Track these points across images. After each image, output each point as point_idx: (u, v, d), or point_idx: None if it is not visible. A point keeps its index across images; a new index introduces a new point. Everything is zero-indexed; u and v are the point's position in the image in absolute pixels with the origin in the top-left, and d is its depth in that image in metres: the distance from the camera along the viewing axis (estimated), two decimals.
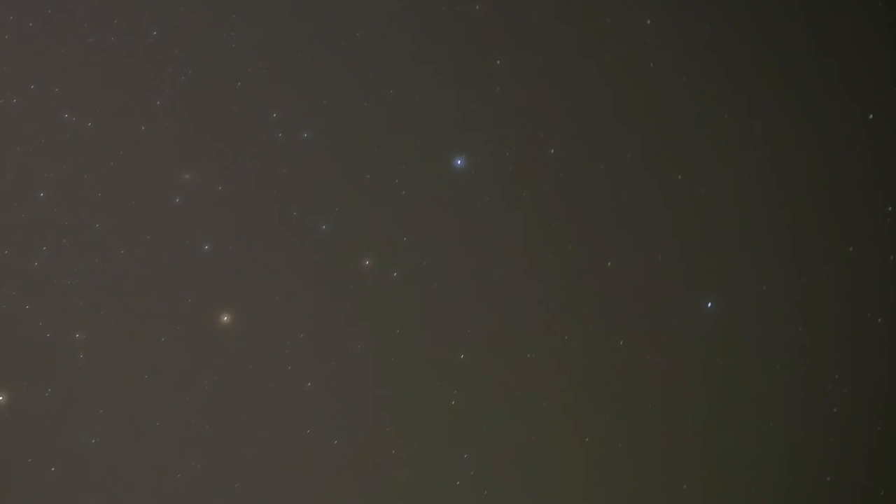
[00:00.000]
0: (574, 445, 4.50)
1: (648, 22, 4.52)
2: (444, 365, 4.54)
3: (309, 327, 4.60)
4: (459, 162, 4.60)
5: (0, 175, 4.76)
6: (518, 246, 4.59)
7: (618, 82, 4.57)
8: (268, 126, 4.69)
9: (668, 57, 4.54)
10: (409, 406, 4.55)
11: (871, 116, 4.42)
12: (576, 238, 4.55)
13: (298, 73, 4.69)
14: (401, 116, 4.63)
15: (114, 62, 4.76)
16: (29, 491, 4.61)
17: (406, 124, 4.63)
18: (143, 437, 4.63)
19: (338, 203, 4.64)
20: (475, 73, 4.62)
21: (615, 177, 4.57)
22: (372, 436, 4.55)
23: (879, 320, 4.40)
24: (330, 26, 4.70)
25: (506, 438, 4.52)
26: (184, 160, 4.73)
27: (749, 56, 4.51)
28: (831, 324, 4.46)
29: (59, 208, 4.78)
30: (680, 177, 4.51)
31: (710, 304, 4.47)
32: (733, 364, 4.49)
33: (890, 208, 4.43)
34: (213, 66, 4.72)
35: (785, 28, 4.49)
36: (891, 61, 4.41)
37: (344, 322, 4.60)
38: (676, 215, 4.54)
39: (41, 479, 4.61)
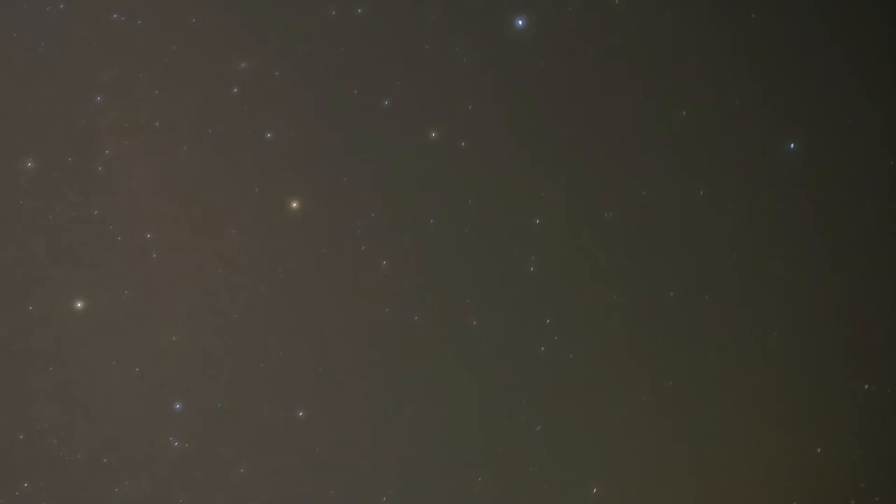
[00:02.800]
0: (657, 301, 4.40)
1: None
2: (519, 231, 4.44)
3: (379, 205, 4.52)
4: (521, 22, 4.45)
5: (54, 83, 4.71)
6: (587, 104, 4.45)
7: None
8: (321, 4, 4.58)
9: None
10: (487, 276, 4.47)
11: None
12: (646, 89, 4.41)
13: None
14: None
15: None
16: (116, 393, 4.62)
17: None
18: (223, 330, 4.61)
19: (398, 77, 4.53)
20: None
21: (682, 25, 4.41)
22: (452, 309, 4.48)
23: None
24: None
25: (586, 301, 4.43)
26: (238, 49, 4.64)
27: None
28: None
29: (117, 110, 4.73)
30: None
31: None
32: None
33: None
34: None
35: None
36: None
37: (415, 197, 4.51)
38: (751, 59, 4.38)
39: (126, 381, 4.61)
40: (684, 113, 4.36)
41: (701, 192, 4.41)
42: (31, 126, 4.66)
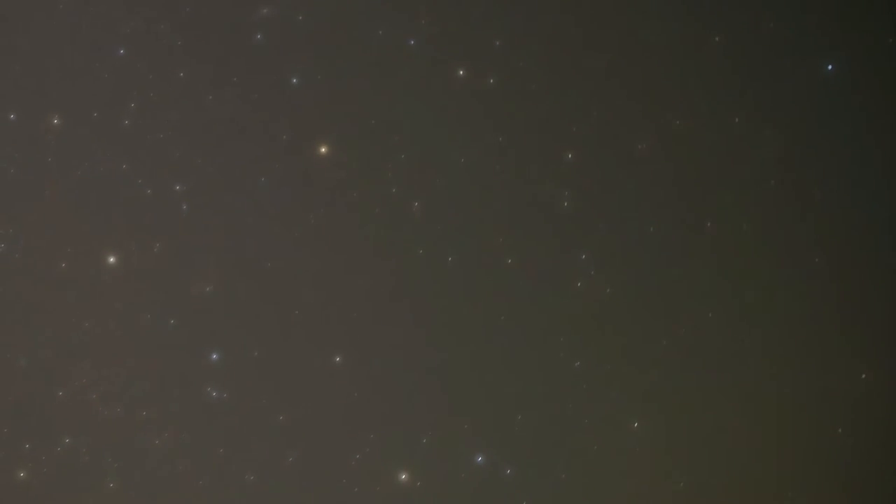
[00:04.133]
0: (693, 232, 4.34)
1: None
2: (551, 166, 4.38)
3: (409, 146, 4.47)
4: None
5: (76, 39, 4.68)
6: (617, 35, 4.37)
7: None
8: None
9: None
10: (520, 214, 4.42)
11: None
12: (677, 16, 4.32)
13: None
14: None
15: None
16: (152, 347, 4.62)
17: None
18: (256, 279, 4.59)
19: (423, 15, 4.46)
20: None
21: None
22: (486, 249, 4.44)
23: None
24: None
25: (621, 234, 4.38)
26: None
27: None
28: None
29: (141, 62, 4.69)
30: None
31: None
32: None
33: None
34: None
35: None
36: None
37: (444, 136, 4.46)
38: None
39: (162, 334, 4.61)
40: (717, 39, 4.27)
41: (736, 120, 4.33)
42: (56, 83, 4.64)
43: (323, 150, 4.57)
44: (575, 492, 4.33)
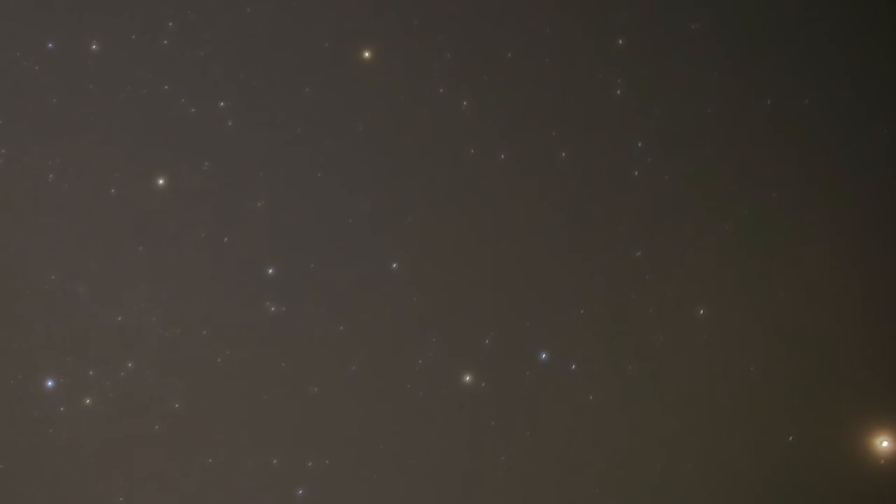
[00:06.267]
0: (753, 111, 4.22)
1: None
2: (602, 54, 4.27)
3: (454, 43, 4.37)
4: None
5: None
6: None
7: None
8: None
9: None
10: (572, 105, 4.33)
11: None
12: None
13: None
14: None
15: None
16: (208, 265, 4.61)
17: None
18: (308, 189, 4.55)
19: None
20: None
21: None
22: (539, 143, 4.35)
23: None
24: None
25: (678, 119, 4.27)
26: None
27: None
28: None
29: None
30: None
31: None
32: None
33: None
34: None
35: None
36: None
37: (490, 32, 4.36)
38: None
39: (217, 252, 4.59)
40: None
41: None
42: (92, 8, 4.60)
43: (367, 54, 4.49)
44: (642, 384, 4.29)
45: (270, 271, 4.58)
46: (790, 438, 4.08)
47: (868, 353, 4.18)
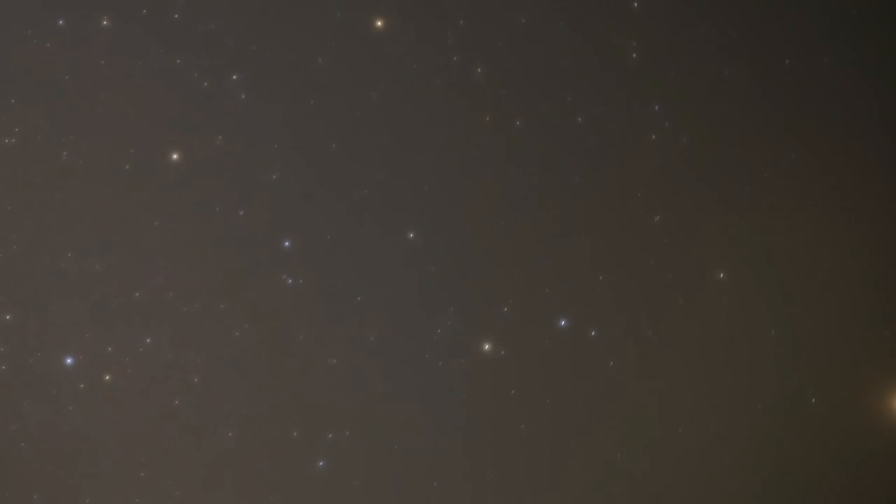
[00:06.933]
0: (771, 70, 4.16)
1: None
2: (617, 15, 4.23)
3: (467, 10, 4.33)
4: None
5: None
6: None
7: None
8: None
9: None
10: (587, 68, 4.29)
11: None
12: None
13: None
14: None
15: None
16: (223, 240, 4.60)
17: None
18: (322, 160, 4.53)
19: None
20: None
21: None
22: (554, 108, 4.32)
23: None
24: None
25: (695, 81, 4.23)
26: None
27: None
28: None
29: None
30: None
31: None
32: None
33: None
34: None
35: None
36: None
37: (503, 2, 4.30)
38: None
39: (233, 225, 4.58)
40: None
41: None
42: None
43: (379, 23, 4.46)
44: (663, 348, 4.27)
45: (287, 244, 4.57)
46: (812, 401, 4.06)
47: (891, 315, 4.15)
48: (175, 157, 4.64)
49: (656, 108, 4.26)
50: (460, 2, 4.37)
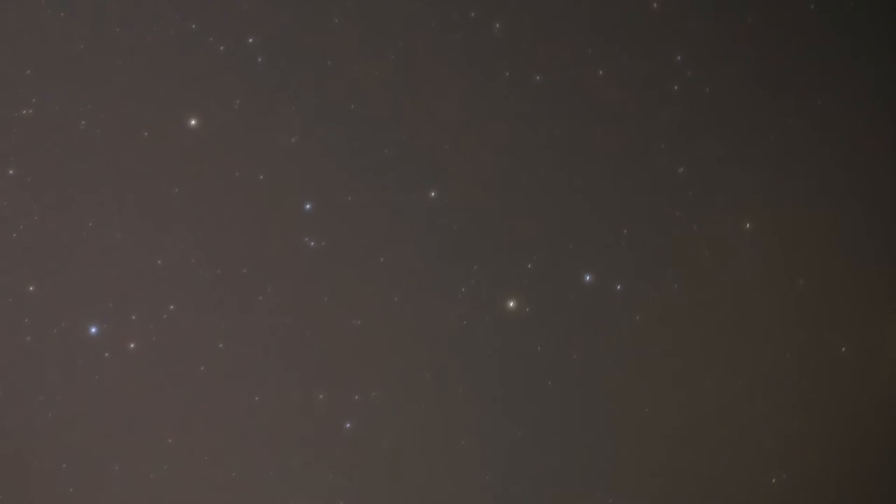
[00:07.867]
0: (796, 14, 4.09)
1: None
2: None
3: None
4: None
5: None
6: None
7: None
8: None
9: None
10: (607, 19, 4.23)
11: None
12: None
13: None
14: None
15: None
16: (244, 202, 4.58)
17: None
18: (342, 121, 4.50)
19: None
20: None
21: None
22: (574, 61, 4.27)
23: None
24: None
25: (717, 30, 4.16)
26: None
27: None
28: None
29: None
30: None
31: None
32: None
33: None
34: None
35: None
36: None
37: None
38: None
39: (253, 188, 4.56)
40: None
41: None
42: None
43: None
44: (690, 301, 4.24)
45: (308, 206, 4.55)
46: (842, 350, 4.02)
47: None
48: (193, 122, 4.62)
49: (678, 58, 4.21)
50: None
